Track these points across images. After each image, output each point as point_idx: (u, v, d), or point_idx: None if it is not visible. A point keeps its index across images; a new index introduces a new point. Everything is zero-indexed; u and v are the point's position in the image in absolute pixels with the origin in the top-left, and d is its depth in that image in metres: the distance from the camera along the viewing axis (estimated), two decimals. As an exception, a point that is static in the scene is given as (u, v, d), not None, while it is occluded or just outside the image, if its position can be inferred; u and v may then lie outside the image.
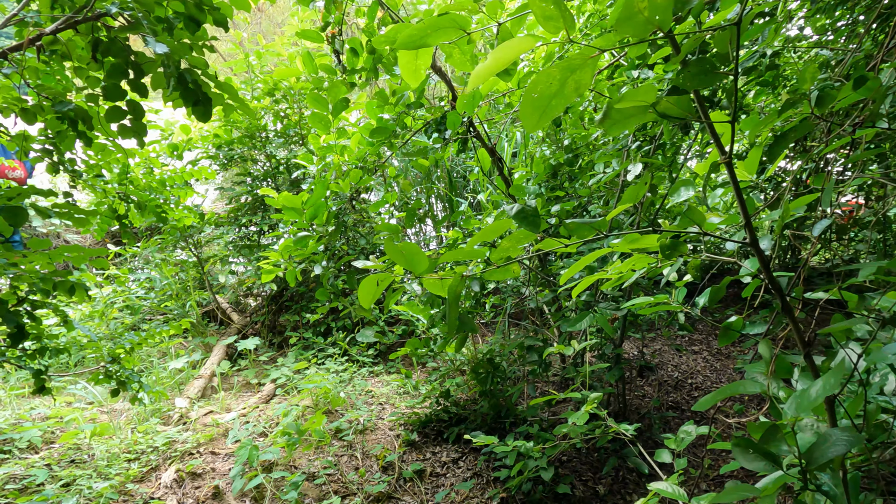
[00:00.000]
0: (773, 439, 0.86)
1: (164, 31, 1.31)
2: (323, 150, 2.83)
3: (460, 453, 3.20)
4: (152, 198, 2.71)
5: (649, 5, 0.70)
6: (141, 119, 1.56)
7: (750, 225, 0.93)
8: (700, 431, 2.15)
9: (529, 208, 1.02)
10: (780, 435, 0.85)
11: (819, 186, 1.53)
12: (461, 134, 3.11)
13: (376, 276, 1.21)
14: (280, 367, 4.29)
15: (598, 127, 0.90)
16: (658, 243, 1.09)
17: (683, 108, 0.84)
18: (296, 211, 2.60)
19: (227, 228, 5.17)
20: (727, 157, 0.90)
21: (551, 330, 3.76)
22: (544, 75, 0.80)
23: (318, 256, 2.92)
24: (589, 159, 3.65)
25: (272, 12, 13.15)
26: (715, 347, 4.77)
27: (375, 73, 2.72)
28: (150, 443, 3.03)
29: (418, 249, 1.14)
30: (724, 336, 1.71)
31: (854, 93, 0.96)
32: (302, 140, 5.06)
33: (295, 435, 2.75)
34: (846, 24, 3.07)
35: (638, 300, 1.83)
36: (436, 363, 4.67)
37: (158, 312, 5.35)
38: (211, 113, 1.59)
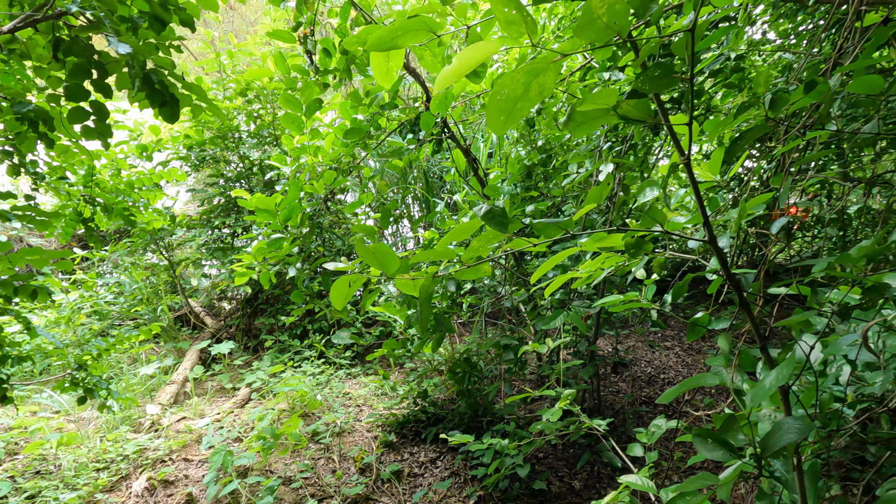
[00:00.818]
0: (730, 429, 0.90)
1: (127, 30, 1.28)
2: (297, 151, 2.80)
3: (438, 453, 3.21)
4: (120, 200, 2.64)
5: (607, 11, 0.72)
6: (105, 120, 1.53)
7: (708, 223, 0.97)
8: (670, 425, 2.20)
9: (498, 208, 1.04)
10: (738, 425, 0.88)
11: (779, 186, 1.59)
12: (435, 135, 3.12)
13: (348, 277, 1.22)
14: (255, 370, 4.23)
15: (563, 129, 0.93)
16: (623, 242, 1.12)
17: (643, 111, 0.87)
18: (269, 213, 2.57)
19: (200, 231, 5.07)
20: (686, 159, 0.93)
21: (527, 328, 3.80)
22: (509, 78, 0.81)
23: (293, 258, 2.89)
24: (563, 160, 3.71)
25: (245, 11, 12.95)
26: (687, 343, 4.89)
27: (349, 73, 2.71)
28: (120, 451, 2.95)
29: (389, 250, 1.15)
30: (692, 331, 1.76)
31: (806, 96, 1.01)
32: (276, 141, 5.00)
33: (270, 439, 2.72)
34: (807, 29, 3.19)
35: (609, 298, 1.87)
36: (414, 364, 4.67)
37: (128, 317, 5.22)
38: (179, 114, 1.56)
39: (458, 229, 1.08)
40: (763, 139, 2.80)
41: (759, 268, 1.56)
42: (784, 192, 1.31)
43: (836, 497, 1.62)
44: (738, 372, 1.42)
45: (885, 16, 1.18)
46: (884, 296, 0.88)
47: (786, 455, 0.86)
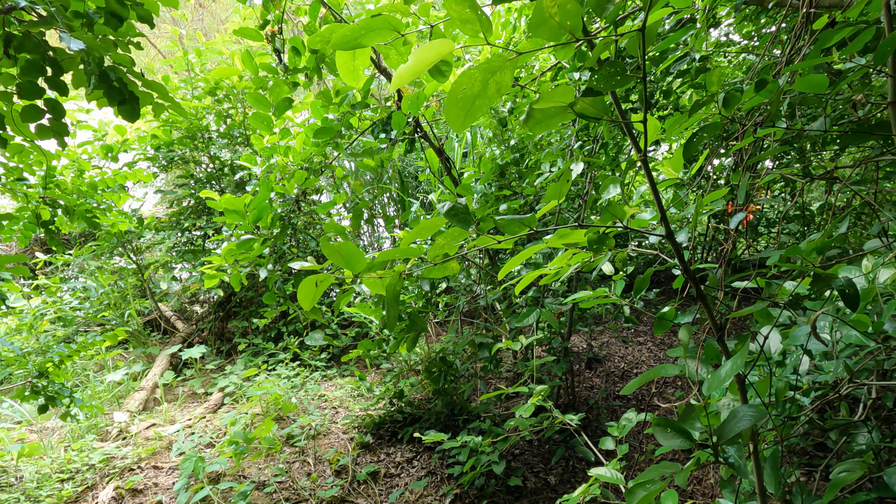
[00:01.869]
0: (688, 419, 0.92)
1: (82, 26, 1.25)
2: (267, 151, 2.77)
3: (414, 453, 3.20)
4: (82, 202, 2.57)
5: (559, 11, 0.73)
6: (61, 118, 1.48)
7: (665, 219, 0.99)
8: (640, 418, 2.25)
9: (460, 206, 1.05)
10: (695, 414, 0.91)
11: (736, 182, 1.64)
12: (408, 134, 3.12)
13: (315, 276, 1.21)
14: (228, 375, 4.15)
15: (523, 126, 0.94)
16: (586, 238, 1.14)
17: (599, 109, 0.89)
18: (238, 214, 2.53)
19: (169, 233, 4.96)
20: (643, 156, 0.96)
21: (502, 326, 3.83)
22: (466, 77, 0.82)
23: (264, 260, 2.85)
24: (536, 158, 3.74)
25: (215, 8, 12.70)
26: (659, 338, 4.99)
27: (319, 72, 2.69)
28: (86, 460, 2.87)
29: (355, 248, 1.14)
30: (659, 325, 1.80)
31: (757, 95, 1.04)
32: (247, 141, 4.92)
33: (243, 444, 2.67)
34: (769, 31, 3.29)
35: (579, 294, 1.89)
36: (390, 364, 4.65)
37: (95, 323, 5.07)
38: (139, 113, 1.53)
39: (420, 227, 1.08)
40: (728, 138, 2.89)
41: (720, 262, 1.60)
42: (742, 188, 1.35)
43: (796, 482, 1.68)
44: (702, 363, 1.46)
45: (830, 19, 1.23)
46: (830, 286, 0.92)
47: (740, 442, 0.89)
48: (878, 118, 1.28)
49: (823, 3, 1.68)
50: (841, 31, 1.12)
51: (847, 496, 1.35)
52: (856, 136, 1.11)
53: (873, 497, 1.23)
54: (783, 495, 1.38)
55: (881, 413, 1.84)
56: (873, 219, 4.84)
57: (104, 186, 2.82)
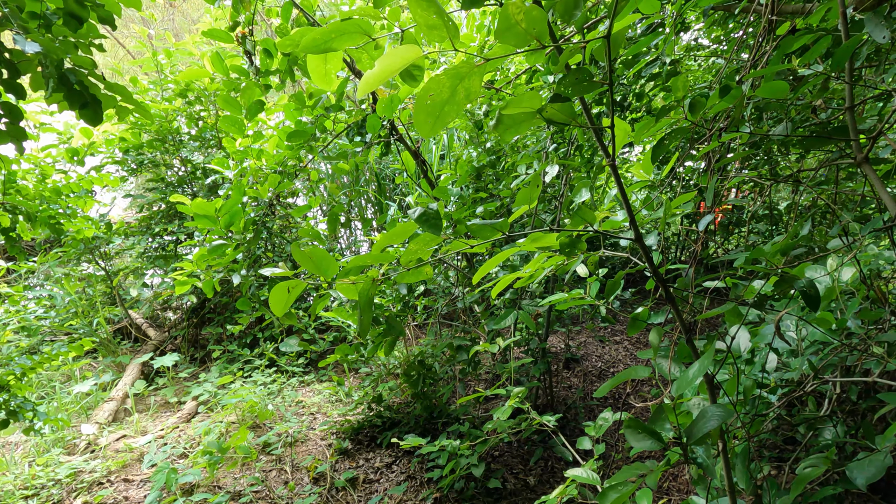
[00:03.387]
0: (658, 419, 0.93)
1: (39, 28, 1.20)
2: (239, 154, 2.72)
3: (394, 457, 3.18)
4: (45, 208, 2.48)
5: (525, 18, 0.74)
6: (18, 122, 1.42)
7: (634, 222, 1.00)
8: (616, 417, 2.27)
9: (431, 211, 1.04)
10: (664, 415, 0.92)
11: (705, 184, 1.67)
12: (383, 137, 3.10)
13: (286, 282, 1.19)
14: (203, 382, 4.06)
15: (492, 132, 0.93)
16: (558, 241, 1.14)
17: (567, 114, 0.89)
18: (209, 218, 2.48)
19: (140, 238, 4.83)
20: (611, 160, 0.97)
21: (481, 328, 3.84)
22: (434, 83, 0.82)
23: (237, 265, 2.80)
24: (512, 161, 3.76)
25: (186, 8, 12.45)
26: (634, 338, 5.07)
27: (291, 75, 2.65)
28: (52, 475, 2.76)
29: (326, 254, 1.13)
30: (633, 326, 1.82)
31: (721, 100, 1.07)
32: (219, 143, 4.83)
33: (217, 453, 2.61)
34: (737, 36, 3.37)
35: (555, 296, 1.91)
36: (369, 368, 4.61)
37: (62, 332, 4.90)
38: (101, 116, 1.48)
39: (392, 232, 1.07)
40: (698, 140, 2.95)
41: (691, 263, 1.63)
42: (710, 190, 1.37)
43: (766, 477, 1.72)
44: (675, 363, 1.48)
45: (791, 26, 1.26)
46: (792, 287, 0.94)
47: (709, 441, 0.91)
48: (838, 122, 1.33)
49: (786, 10, 1.73)
50: (801, 38, 1.16)
51: (816, 489, 1.39)
52: (816, 140, 1.14)
53: (840, 490, 1.26)
54: (754, 490, 1.41)
55: (846, 407, 1.90)
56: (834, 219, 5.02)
57: (69, 191, 2.73)
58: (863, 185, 1.62)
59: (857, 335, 1.50)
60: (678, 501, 2.61)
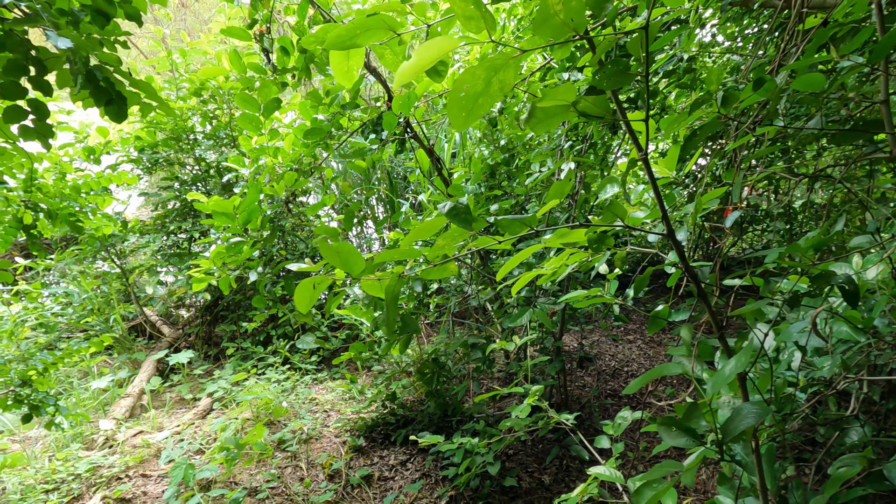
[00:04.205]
0: (693, 417, 0.92)
1: (68, 24, 1.21)
2: (255, 152, 2.73)
3: (408, 455, 3.18)
4: (65, 205, 2.50)
5: (564, 8, 0.73)
6: (45, 119, 1.44)
7: (666, 218, 0.99)
8: (635, 416, 2.26)
9: (461, 206, 1.03)
10: (700, 412, 0.91)
11: (731, 181, 1.65)
12: (398, 135, 3.10)
13: (313, 279, 1.18)
14: (217, 379, 4.09)
15: (524, 126, 0.92)
16: (586, 237, 1.13)
17: (601, 108, 0.88)
18: (227, 216, 2.49)
19: (154, 236, 4.87)
20: (643, 155, 0.95)
21: (494, 327, 3.83)
22: (469, 74, 0.81)
23: (254, 262, 2.81)
24: (525, 159, 3.75)
25: (198, 8, 12.54)
26: (648, 336, 5.04)
27: (308, 72, 2.66)
28: (72, 470, 2.79)
29: (354, 250, 1.12)
30: (653, 324, 1.81)
31: (755, 94, 1.05)
32: (233, 142, 4.86)
33: (234, 449, 2.63)
34: (753, 32, 3.34)
35: (573, 294, 1.90)
36: (381, 366, 4.62)
37: (78, 329, 4.95)
38: (126, 113, 1.49)
39: (421, 227, 1.07)
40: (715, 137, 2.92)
41: (715, 260, 1.61)
42: (736, 187, 1.36)
43: (791, 477, 1.70)
44: (699, 361, 1.47)
45: (823, 18, 1.24)
46: (829, 283, 0.92)
47: (745, 439, 0.89)
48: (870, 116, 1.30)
49: (812, 4, 1.70)
50: (832, 30, 1.14)
51: (843, 490, 1.37)
52: (849, 135, 1.12)
53: (869, 491, 1.24)
54: (778, 491, 1.39)
55: (871, 408, 1.87)
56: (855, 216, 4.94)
57: (87, 189, 2.75)
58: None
59: (884, 334, 1.47)
60: (697, 502, 2.59)
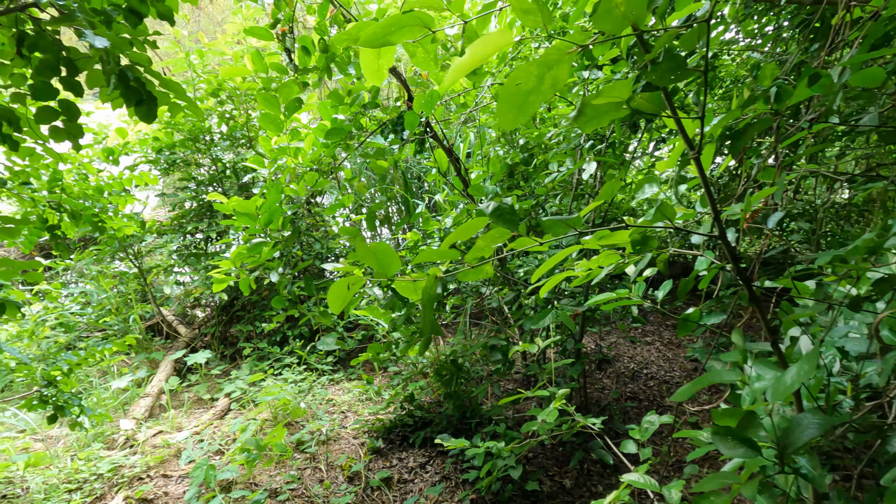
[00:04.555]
0: (750, 426, 0.88)
1: (101, 23, 1.20)
2: (275, 152, 2.72)
3: (427, 457, 3.16)
4: (88, 206, 2.51)
5: (625, 1, 0.70)
6: (76, 120, 1.43)
7: (718, 218, 0.95)
8: (663, 420, 2.21)
9: (506, 206, 1.01)
10: (758, 421, 0.87)
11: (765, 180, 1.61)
12: (418, 134, 3.08)
13: (347, 279, 1.16)
14: (234, 380, 4.10)
15: (572, 123, 0.89)
16: (630, 239, 1.10)
17: (656, 104, 0.85)
18: (249, 216, 2.48)
19: (171, 237, 4.89)
20: (696, 153, 0.92)
21: (512, 328, 3.79)
22: (522, 71, 0.78)
23: (274, 263, 2.80)
24: (543, 159, 3.71)
25: (212, 11, 12.63)
26: (666, 338, 4.97)
27: (329, 72, 2.65)
28: (94, 470, 2.81)
29: (390, 250, 1.10)
30: (683, 327, 1.76)
31: (809, 89, 1.01)
32: (249, 143, 4.87)
33: (254, 451, 2.62)
34: (773, 30, 3.27)
35: (601, 296, 1.86)
36: (397, 367, 4.60)
37: (97, 329, 5.00)
38: (156, 113, 1.48)
39: (462, 228, 1.04)
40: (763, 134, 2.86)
41: (755, 262, 1.57)
42: (780, 187, 1.31)
43: (834, 486, 1.65)
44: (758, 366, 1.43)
45: (874, 11, 1.19)
46: (894, 287, 0.88)
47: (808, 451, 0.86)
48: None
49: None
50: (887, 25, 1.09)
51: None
52: (904, 132, 1.08)
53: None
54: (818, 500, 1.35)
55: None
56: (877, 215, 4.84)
57: (109, 190, 2.76)
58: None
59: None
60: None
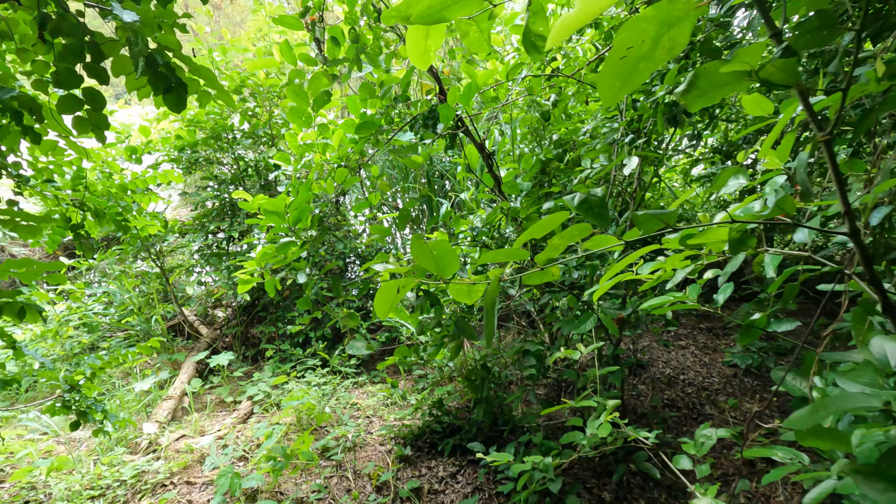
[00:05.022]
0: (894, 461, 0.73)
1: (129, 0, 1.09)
2: (302, 148, 2.61)
3: (458, 466, 3.02)
4: (111, 205, 2.43)
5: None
6: (101, 109, 1.33)
7: (850, 213, 0.80)
8: (720, 434, 2.05)
9: (595, 197, 0.87)
10: (909, 458, 0.72)
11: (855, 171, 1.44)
12: (450, 129, 2.95)
13: (397, 281, 1.03)
14: (256, 382, 4.01)
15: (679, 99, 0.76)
16: (728, 237, 0.95)
17: (789, 73, 0.70)
18: (278, 215, 2.38)
19: (193, 236, 4.84)
20: (828, 135, 0.77)
21: (544, 332, 3.64)
22: (635, 32, 0.64)
23: (300, 264, 2.70)
24: (575, 155, 3.56)
25: (231, 11, 12.68)
26: (701, 342, 4.76)
27: (359, 64, 2.53)
28: (117, 476, 2.73)
29: (451, 249, 0.97)
30: (747, 334, 1.60)
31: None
32: (272, 140, 4.79)
33: (281, 459, 2.52)
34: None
35: (657, 299, 1.71)
36: (422, 370, 4.48)
37: (119, 329, 4.96)
38: (185, 102, 1.37)
39: (539, 225, 0.90)
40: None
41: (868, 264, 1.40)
42: (885, 176, 1.15)
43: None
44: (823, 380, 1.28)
45: None
46: None
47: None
48: None
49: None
50: None
51: None
52: None
53: None
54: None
55: None
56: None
57: (133, 188, 2.68)
58: None
59: None
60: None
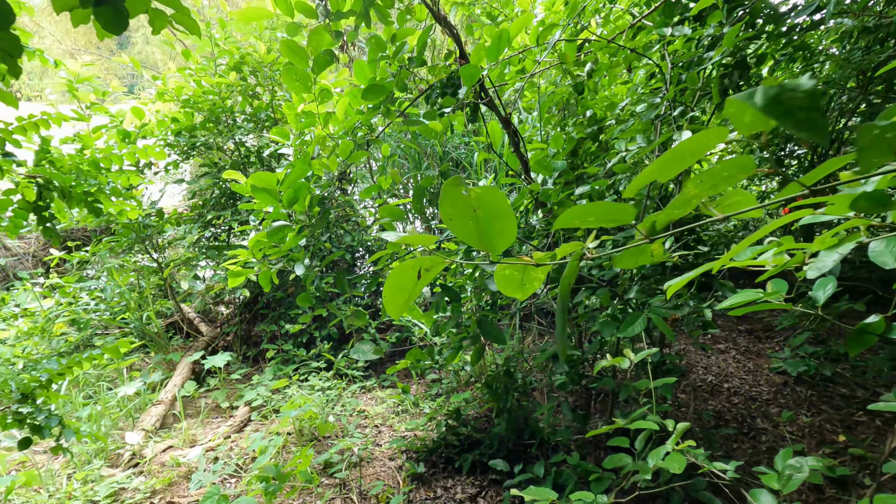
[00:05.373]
0: None
1: None
2: (301, 123, 2.24)
3: (478, 487, 2.64)
4: (78, 182, 2.08)
5: None
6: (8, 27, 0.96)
7: None
8: (812, 465, 1.65)
9: (800, 91, 0.49)
10: None
11: None
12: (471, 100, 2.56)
13: (418, 261, 0.65)
14: (255, 385, 3.67)
15: None
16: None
17: None
18: (270, 193, 2.01)
19: (191, 227, 4.51)
20: None
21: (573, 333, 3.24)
22: None
23: (299, 254, 2.33)
24: (609, 135, 3.17)
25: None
26: (742, 346, 4.32)
27: (367, 18, 2.16)
28: (90, 495, 2.39)
29: (505, 205, 0.59)
30: (858, 341, 1.21)
31: None
32: (275, 124, 4.44)
33: (275, 481, 2.15)
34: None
35: (738, 297, 1.32)
36: (436, 375, 4.10)
37: (114, 326, 4.65)
38: (126, 20, 1.00)
39: (687, 143, 0.52)
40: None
41: None
42: None
43: None
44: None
45: None
46: None
47: None
48: None
49: None
50: None
51: None
52: None
53: None
54: None
55: None
56: None
57: (108, 165, 2.34)
58: None
59: None
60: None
